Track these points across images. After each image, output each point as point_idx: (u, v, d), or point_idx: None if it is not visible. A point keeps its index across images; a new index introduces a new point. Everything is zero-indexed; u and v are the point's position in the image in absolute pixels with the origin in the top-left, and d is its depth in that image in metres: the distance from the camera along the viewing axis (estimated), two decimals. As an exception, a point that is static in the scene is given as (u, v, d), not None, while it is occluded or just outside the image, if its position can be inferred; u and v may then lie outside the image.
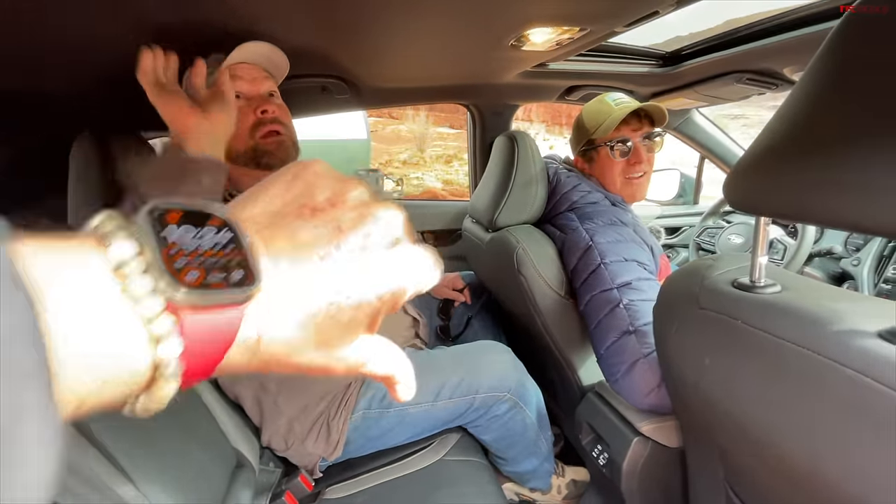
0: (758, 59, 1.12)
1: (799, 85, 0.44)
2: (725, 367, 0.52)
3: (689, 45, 1.26)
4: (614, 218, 1.01)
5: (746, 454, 0.56)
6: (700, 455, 0.73)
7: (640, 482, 0.88)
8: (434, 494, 0.90)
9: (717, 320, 0.53)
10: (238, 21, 0.74)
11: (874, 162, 0.35)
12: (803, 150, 0.41)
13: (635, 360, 0.87)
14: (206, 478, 0.73)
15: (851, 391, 0.38)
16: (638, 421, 0.88)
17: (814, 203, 0.39)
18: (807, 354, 0.42)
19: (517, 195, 1.08)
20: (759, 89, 1.24)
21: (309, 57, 0.96)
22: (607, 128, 1.05)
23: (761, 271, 0.51)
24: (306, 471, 0.95)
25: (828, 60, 0.41)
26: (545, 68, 1.19)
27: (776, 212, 0.45)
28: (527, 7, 0.71)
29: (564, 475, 1.21)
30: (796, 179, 0.41)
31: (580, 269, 0.98)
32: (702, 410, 0.61)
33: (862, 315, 0.41)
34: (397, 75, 1.18)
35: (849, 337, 0.40)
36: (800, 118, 0.43)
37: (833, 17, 0.92)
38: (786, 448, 0.46)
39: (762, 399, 0.47)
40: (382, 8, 0.72)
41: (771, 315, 0.47)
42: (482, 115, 1.60)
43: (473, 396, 0.94)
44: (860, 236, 1.32)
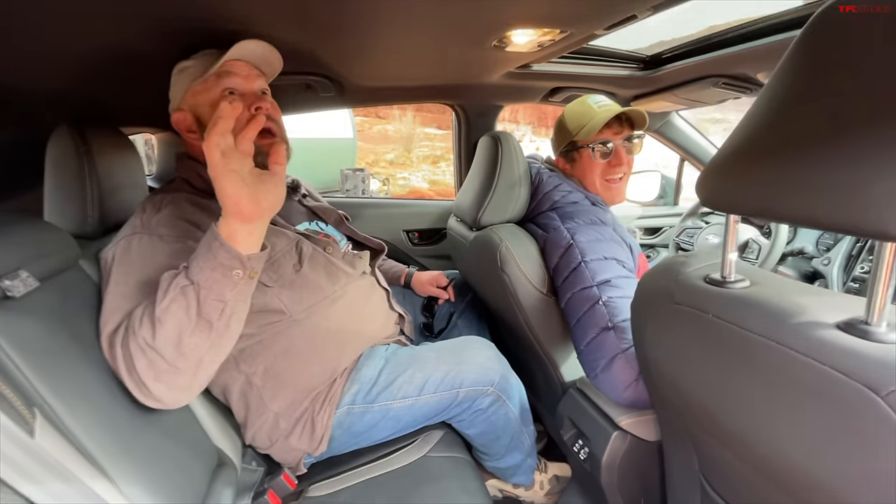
0: (733, 64, 1.15)
1: (765, 88, 0.46)
2: (697, 358, 0.54)
3: (668, 50, 1.29)
4: (594, 217, 1.03)
5: (717, 443, 0.58)
6: (676, 447, 0.75)
7: (620, 475, 0.90)
8: (417, 491, 0.90)
9: (690, 314, 0.55)
10: (224, 17, 0.74)
11: (829, 162, 0.37)
12: (768, 151, 0.43)
13: (614, 355, 0.89)
14: (186, 476, 0.73)
15: (811, 379, 0.40)
16: (617, 415, 0.90)
17: (777, 201, 0.41)
18: (771, 345, 0.44)
19: (501, 195, 1.09)
20: (734, 93, 1.28)
21: (294, 54, 0.96)
22: (590, 130, 1.07)
23: (731, 267, 0.54)
24: (290, 468, 0.95)
25: (791, 65, 0.43)
26: (529, 69, 1.21)
27: (744, 210, 0.47)
28: (506, 8, 0.73)
29: (547, 471, 1.23)
30: (761, 179, 0.43)
31: (561, 267, 1.00)
32: (677, 401, 0.63)
33: (822, 308, 0.44)
34: (382, 74, 1.19)
35: (809, 328, 0.42)
36: (765, 120, 0.45)
37: (800, 26, 0.96)
38: (751, 435, 0.48)
39: (730, 389, 0.49)
40: (367, 8, 0.73)
41: (739, 309, 0.49)
42: (467, 115, 1.62)
43: (457, 391, 0.95)
44: (831, 236, 1.37)
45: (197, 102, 0.83)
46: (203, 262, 0.62)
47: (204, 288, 0.62)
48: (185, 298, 0.62)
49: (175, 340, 0.62)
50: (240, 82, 0.82)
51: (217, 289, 0.62)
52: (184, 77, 0.83)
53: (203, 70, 0.81)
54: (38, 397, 0.55)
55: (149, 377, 0.63)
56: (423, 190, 8.72)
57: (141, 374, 0.63)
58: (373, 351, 1.01)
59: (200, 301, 0.62)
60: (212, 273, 0.62)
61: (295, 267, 0.90)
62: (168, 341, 0.62)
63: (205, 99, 0.82)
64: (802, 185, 0.39)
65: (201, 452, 0.80)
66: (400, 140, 11.71)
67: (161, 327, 0.61)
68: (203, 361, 0.65)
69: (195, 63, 0.83)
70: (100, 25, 0.68)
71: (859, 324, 0.39)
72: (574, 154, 1.14)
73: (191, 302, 0.62)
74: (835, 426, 0.39)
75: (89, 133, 0.85)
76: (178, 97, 0.85)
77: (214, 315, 0.63)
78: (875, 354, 0.36)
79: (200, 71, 0.82)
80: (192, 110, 0.84)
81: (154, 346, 0.62)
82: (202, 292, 0.62)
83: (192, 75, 0.82)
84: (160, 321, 0.61)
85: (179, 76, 0.84)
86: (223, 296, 0.63)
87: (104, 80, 0.91)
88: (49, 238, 0.66)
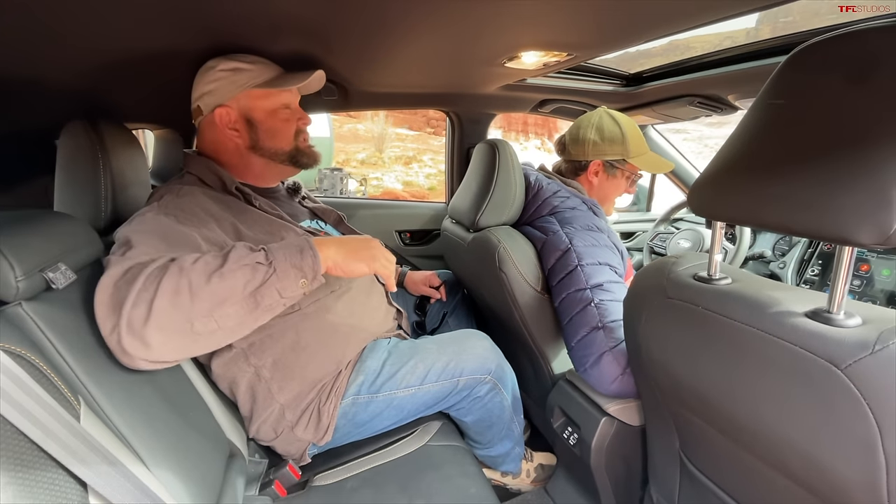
0: (707, 85, 1.28)
1: (748, 113, 0.55)
2: (688, 345, 0.63)
3: (649, 70, 1.40)
4: (591, 223, 1.11)
5: (701, 421, 0.67)
6: (659, 429, 0.84)
7: (608, 458, 0.99)
8: (420, 476, 0.95)
9: (681, 307, 0.63)
10: (238, 20, 0.76)
11: (803, 181, 0.46)
12: (751, 169, 0.52)
13: (602, 352, 0.96)
14: (207, 464, 0.75)
15: (785, 358, 0.49)
16: (605, 403, 0.98)
17: (758, 211, 0.50)
18: (752, 331, 0.52)
19: (498, 198, 1.16)
20: (707, 111, 1.41)
21: (301, 59, 1.00)
22: (643, 161, 1.20)
23: (717, 267, 0.62)
24: (293, 460, 0.98)
25: (772, 94, 0.52)
26: (523, 82, 1.29)
27: (729, 217, 0.56)
28: (526, 32, 0.80)
29: (533, 460, 1.30)
30: (745, 192, 0.51)
31: (558, 269, 1.07)
32: (666, 385, 0.71)
33: (793, 300, 0.53)
34: (386, 81, 1.23)
35: (783, 317, 0.50)
36: (749, 141, 0.54)
37: (769, 55, 1.09)
38: (735, 409, 0.57)
39: (718, 370, 0.58)
40: (389, 20, 0.77)
41: (725, 301, 0.57)
42: (461, 121, 1.69)
43: (457, 379, 1.01)
44: (786, 242, 1.53)
45: (253, 106, 0.93)
46: (290, 256, 0.69)
47: (276, 275, 0.67)
48: (254, 273, 0.66)
49: (219, 300, 0.63)
50: (293, 100, 0.99)
51: (283, 283, 0.68)
52: (241, 78, 0.90)
53: (263, 78, 0.92)
54: (82, 386, 0.57)
55: (155, 320, 0.59)
56: (397, 191, 8.69)
57: (153, 312, 0.59)
58: (376, 344, 1.06)
59: (265, 283, 0.66)
60: (290, 269, 0.68)
61: None
62: (213, 296, 0.62)
63: (263, 105, 0.94)
64: (781, 199, 0.48)
65: (218, 443, 0.82)
66: (371, 140, 11.60)
67: (219, 281, 0.63)
68: (213, 335, 0.65)
69: (253, 69, 0.91)
70: (118, 25, 0.69)
71: (823, 312, 0.48)
72: (618, 171, 1.22)
73: (257, 279, 0.66)
74: (805, 396, 0.47)
75: (102, 128, 0.86)
76: (225, 94, 0.91)
77: (265, 301, 0.67)
78: (836, 336, 0.45)
79: (260, 78, 0.92)
80: (244, 111, 0.93)
81: (195, 292, 0.61)
82: (272, 277, 0.66)
83: (251, 80, 0.91)
84: (221, 275, 0.63)
85: (234, 76, 0.90)
86: (284, 291, 0.68)
87: (113, 77, 0.91)
88: (78, 232, 0.68)
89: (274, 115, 0.95)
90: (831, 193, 0.44)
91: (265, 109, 0.94)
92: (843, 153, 0.44)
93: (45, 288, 0.57)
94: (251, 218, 0.90)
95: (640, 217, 2.16)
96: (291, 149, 0.98)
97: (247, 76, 0.91)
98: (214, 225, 0.82)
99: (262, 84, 0.92)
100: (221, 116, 0.92)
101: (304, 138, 1.00)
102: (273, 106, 0.94)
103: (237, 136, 0.94)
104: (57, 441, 0.49)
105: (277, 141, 0.96)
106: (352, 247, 0.77)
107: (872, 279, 1.29)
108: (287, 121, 0.96)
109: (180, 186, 0.86)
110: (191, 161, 0.95)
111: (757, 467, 0.60)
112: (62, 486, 0.49)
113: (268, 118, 0.94)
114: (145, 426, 0.64)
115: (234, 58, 0.91)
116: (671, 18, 0.74)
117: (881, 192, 0.41)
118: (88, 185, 0.83)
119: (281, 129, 0.96)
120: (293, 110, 0.98)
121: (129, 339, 0.59)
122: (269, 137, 0.95)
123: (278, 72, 0.95)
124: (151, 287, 0.60)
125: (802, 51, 0.50)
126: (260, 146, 0.95)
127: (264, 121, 0.94)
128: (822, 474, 0.48)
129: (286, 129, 0.97)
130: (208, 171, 0.92)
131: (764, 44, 1.08)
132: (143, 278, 0.61)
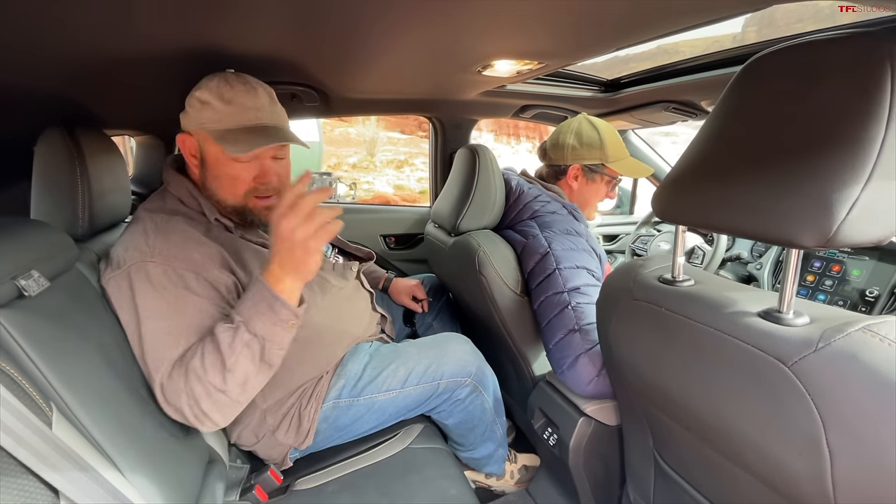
0: (682, 91, 1.31)
1: (707, 120, 0.57)
2: (653, 345, 0.64)
3: (626, 76, 1.44)
4: (570, 227, 1.13)
5: (669, 419, 0.69)
6: (634, 429, 0.86)
7: (586, 457, 1.01)
8: (402, 479, 0.96)
9: (647, 308, 0.65)
10: (216, 24, 0.75)
11: (750, 185, 0.48)
12: (705, 174, 0.54)
13: (578, 354, 0.98)
14: (184, 469, 0.76)
15: (740, 356, 0.51)
16: (583, 403, 1.00)
17: (709, 215, 0.52)
18: (711, 331, 0.54)
19: (478, 202, 1.18)
20: (682, 117, 1.45)
21: (282, 65, 1.01)
22: (623, 166, 1.21)
23: (680, 269, 0.65)
24: (274, 464, 0.98)
25: (726, 103, 0.54)
26: (503, 88, 1.31)
27: (687, 221, 0.58)
28: (495, 43, 0.82)
29: (516, 461, 1.32)
30: (699, 196, 0.53)
31: (537, 273, 1.09)
32: (636, 384, 0.73)
33: (748, 301, 0.55)
34: (366, 87, 1.25)
35: (738, 316, 0.52)
36: (704, 148, 0.56)
37: (741, 63, 1.12)
38: (697, 406, 0.59)
39: (680, 369, 0.60)
40: (362, 26, 0.78)
41: (686, 302, 0.59)
42: (444, 127, 1.71)
43: (438, 382, 1.02)
44: (763, 244, 1.56)
45: (206, 148, 0.85)
46: (266, 318, 0.72)
47: (268, 341, 0.72)
48: (251, 350, 0.72)
49: (242, 383, 0.73)
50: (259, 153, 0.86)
51: (279, 339, 0.74)
52: (203, 115, 0.83)
53: (223, 126, 0.82)
54: (54, 392, 0.57)
55: (213, 412, 0.72)
56: (388, 195, 8.69)
57: (206, 410, 0.72)
58: (357, 348, 1.07)
59: (265, 351, 0.73)
60: (273, 327, 0.72)
61: None
62: (237, 385, 0.72)
63: (214, 150, 0.84)
64: (730, 203, 0.50)
65: (195, 448, 0.83)
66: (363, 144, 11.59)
67: (231, 375, 0.71)
68: (256, 390, 0.77)
69: (221, 110, 0.82)
70: (94, 31, 0.69)
71: (774, 312, 0.50)
72: (597, 175, 1.23)
73: (255, 352, 0.72)
74: (757, 392, 0.49)
75: (80, 135, 0.86)
76: (188, 123, 0.86)
77: (277, 359, 0.75)
78: (784, 335, 0.47)
79: (220, 125, 0.82)
80: (201, 147, 0.86)
81: (223, 390, 0.71)
82: (267, 344, 0.73)
83: (211, 122, 0.83)
84: (231, 371, 0.71)
85: (200, 110, 0.83)
86: (284, 343, 0.75)
87: (92, 83, 0.91)
88: (53, 239, 0.68)
89: (222, 164, 0.85)
90: (778, 197, 0.46)
91: (214, 155, 0.85)
92: (789, 160, 0.46)
93: (17, 295, 0.58)
94: (235, 245, 0.88)
95: (622, 220, 2.19)
96: (238, 205, 0.88)
97: (209, 116, 0.83)
98: (208, 262, 0.82)
99: (217, 132, 0.82)
100: (184, 142, 0.88)
101: (256, 199, 0.88)
102: (226, 158, 0.84)
103: (194, 166, 0.89)
104: (27, 448, 0.49)
105: (223, 192, 0.87)
106: (292, 263, 0.72)
107: (844, 279, 1.33)
108: (235, 177, 0.85)
109: (162, 217, 0.83)
110: (171, 180, 0.91)
111: (721, 463, 0.62)
112: (31, 492, 0.49)
113: (216, 165, 0.86)
114: (120, 432, 0.64)
115: (215, 88, 0.83)
116: (639, 27, 0.76)
117: (822, 198, 0.43)
118: (65, 192, 0.83)
119: (227, 183, 0.86)
120: (248, 166, 0.85)
121: (204, 425, 0.74)
122: (215, 184, 0.87)
123: (252, 121, 0.84)
124: (190, 398, 0.71)
125: (757, 60, 0.52)
126: (207, 186, 0.88)
127: (213, 166, 0.86)
128: (773, 467, 0.50)
129: (234, 184, 0.86)
130: (188, 195, 0.89)
131: (735, 51, 1.12)
132: (182, 393, 0.71)
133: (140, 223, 0.83)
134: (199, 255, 0.81)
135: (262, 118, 0.85)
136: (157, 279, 0.76)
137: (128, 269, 0.77)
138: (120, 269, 0.77)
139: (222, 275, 0.82)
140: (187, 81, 0.85)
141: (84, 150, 0.85)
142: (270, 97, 0.88)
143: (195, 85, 0.86)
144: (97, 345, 0.68)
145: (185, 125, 0.87)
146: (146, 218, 0.84)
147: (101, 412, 0.62)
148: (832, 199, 0.42)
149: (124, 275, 0.77)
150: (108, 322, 0.74)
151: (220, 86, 0.83)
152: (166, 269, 0.77)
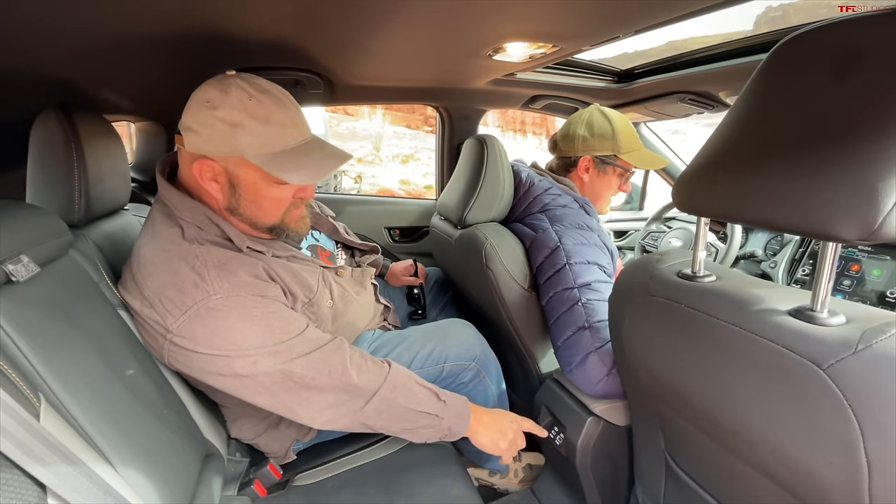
0: (698, 82, 1.26)
1: (733, 107, 0.53)
2: (670, 343, 0.61)
3: (640, 66, 1.39)
4: (581, 222, 1.09)
5: (684, 420, 0.65)
6: (645, 430, 0.82)
7: (593, 458, 0.98)
8: (403, 476, 0.94)
9: (664, 305, 0.62)
10: (216, 5, 0.72)
11: (786, 175, 0.44)
12: (734, 164, 0.50)
13: (588, 352, 0.95)
14: (180, 461, 0.73)
15: (767, 357, 0.47)
16: (591, 403, 0.97)
17: (741, 206, 0.48)
18: (734, 329, 0.51)
19: (486, 195, 1.14)
20: (698, 108, 1.40)
21: (285, 50, 0.97)
22: (636, 158, 1.16)
23: (701, 264, 0.61)
24: (276, 457, 0.97)
25: (756, 88, 0.50)
26: (513, 77, 1.27)
27: (712, 213, 0.54)
28: (508, 23, 0.78)
29: (521, 460, 1.29)
30: (727, 187, 0.50)
31: (546, 267, 1.06)
32: (650, 383, 0.70)
33: (776, 298, 0.51)
34: (372, 74, 1.21)
35: (766, 315, 0.49)
36: (732, 136, 0.52)
37: (760, 51, 1.08)
38: (716, 409, 0.55)
39: (698, 368, 0.57)
40: (368, 9, 0.75)
41: (708, 299, 0.56)
42: (451, 117, 1.67)
43: (442, 365, 1.00)
44: (777, 242, 1.52)
45: (243, 174, 0.76)
46: (455, 422, 0.86)
47: (442, 428, 0.85)
48: (428, 419, 0.83)
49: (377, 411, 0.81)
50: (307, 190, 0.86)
51: (440, 429, 0.85)
52: (239, 141, 0.71)
53: (269, 150, 0.73)
54: (43, 383, 0.55)
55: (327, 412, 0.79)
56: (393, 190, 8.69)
57: None
58: (361, 336, 1.05)
59: (422, 426, 0.84)
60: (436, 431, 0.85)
61: (328, 304, 0.94)
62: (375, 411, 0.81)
63: (255, 176, 0.76)
64: (763, 194, 0.46)
65: (193, 441, 0.80)
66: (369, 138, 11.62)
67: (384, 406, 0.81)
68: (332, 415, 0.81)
69: (259, 131, 0.72)
70: (97, 10, 0.67)
71: (806, 311, 0.47)
72: (609, 167, 1.19)
73: (424, 423, 0.83)
74: (786, 396, 0.46)
75: (77, 118, 0.83)
76: (213, 149, 0.73)
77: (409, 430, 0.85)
78: (818, 335, 0.44)
79: (264, 149, 0.72)
80: (231, 172, 0.76)
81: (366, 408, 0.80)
82: (431, 429, 0.85)
83: (252, 148, 0.72)
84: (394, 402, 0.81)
85: (233, 133, 0.71)
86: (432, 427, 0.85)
87: (91, 64, 0.89)
88: (45, 224, 0.66)
89: (262, 189, 0.77)
90: (816, 188, 0.42)
91: (251, 180, 0.76)
92: (828, 148, 0.42)
93: (4, 281, 0.55)
94: (267, 264, 0.83)
95: (632, 216, 2.15)
96: (276, 224, 0.83)
97: (248, 140, 0.71)
98: (266, 283, 0.78)
99: (262, 158, 0.72)
100: (201, 170, 0.75)
101: (296, 213, 0.85)
102: (267, 181, 0.76)
103: (216, 191, 0.77)
104: (12, 440, 0.47)
105: (260, 215, 0.80)
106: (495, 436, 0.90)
107: (863, 279, 1.28)
108: (278, 200, 0.80)
109: (206, 249, 0.74)
110: (181, 206, 0.78)
111: (739, 468, 0.58)
112: (17, 486, 0.47)
113: (252, 190, 0.77)
114: (111, 424, 0.62)
115: (239, 104, 0.70)
116: (657, 8, 0.72)
117: (866, 187, 0.39)
118: (60, 176, 0.80)
119: (268, 206, 0.80)
120: (290, 185, 0.78)
121: None
122: (251, 208, 0.79)
123: (295, 140, 0.75)
124: None
125: (785, 43, 0.48)
126: (239, 212, 0.79)
127: (249, 191, 0.77)
128: (801, 476, 0.46)
129: (275, 206, 0.81)
130: (210, 223, 0.78)
131: (754, 39, 1.07)
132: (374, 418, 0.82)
133: (171, 263, 0.72)
134: (249, 275, 0.77)
135: (304, 134, 0.77)
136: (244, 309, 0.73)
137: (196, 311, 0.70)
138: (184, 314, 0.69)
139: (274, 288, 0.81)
140: (189, 67, 0.82)
141: (80, 134, 0.82)
142: (295, 105, 0.79)
143: (196, 74, 0.81)
144: (89, 333, 0.65)
145: (202, 149, 0.73)
146: (175, 256, 0.73)
147: (92, 403, 0.60)
148: (878, 189, 0.39)
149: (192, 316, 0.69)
150: (102, 311, 0.72)
151: (244, 101, 0.71)
152: (243, 298, 0.73)
